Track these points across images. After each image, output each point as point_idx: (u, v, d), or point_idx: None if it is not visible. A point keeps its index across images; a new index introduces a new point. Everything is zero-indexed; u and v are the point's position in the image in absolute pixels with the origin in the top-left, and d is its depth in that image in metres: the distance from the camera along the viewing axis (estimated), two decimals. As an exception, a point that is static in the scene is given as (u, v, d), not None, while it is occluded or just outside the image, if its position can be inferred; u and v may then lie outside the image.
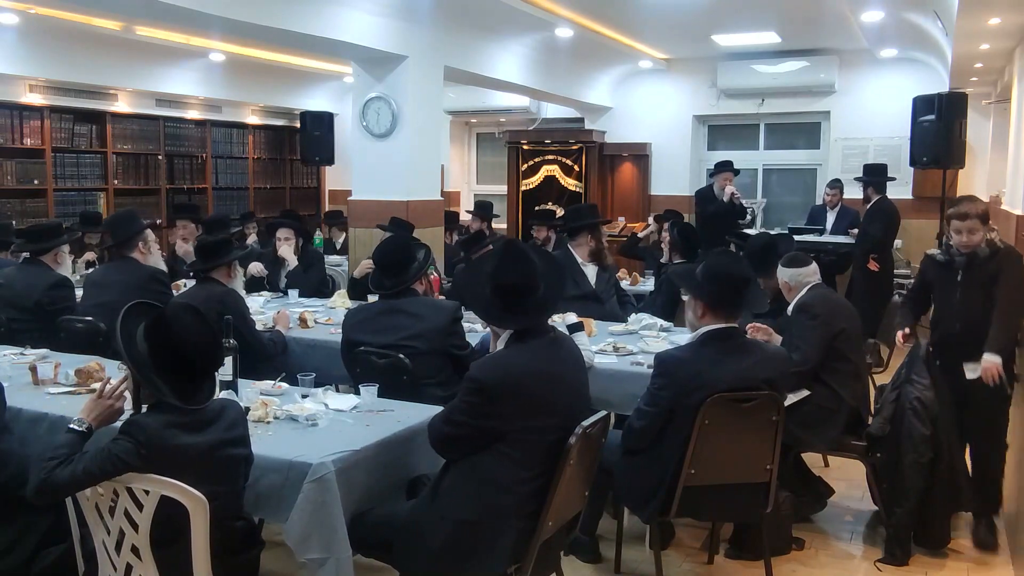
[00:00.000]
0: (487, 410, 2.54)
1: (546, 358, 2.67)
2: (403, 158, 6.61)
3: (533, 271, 2.71)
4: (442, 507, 2.60)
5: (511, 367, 2.60)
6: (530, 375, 2.59)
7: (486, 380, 2.55)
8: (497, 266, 2.74)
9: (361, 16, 6.05)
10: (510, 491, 2.56)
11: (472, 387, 2.55)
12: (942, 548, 3.79)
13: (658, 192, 10.14)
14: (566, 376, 2.71)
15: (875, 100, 8.98)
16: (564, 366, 2.72)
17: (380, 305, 3.88)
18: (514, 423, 2.54)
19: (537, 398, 2.57)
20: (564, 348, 2.79)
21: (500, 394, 2.53)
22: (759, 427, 3.13)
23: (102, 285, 4.61)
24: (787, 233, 7.58)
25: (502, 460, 2.55)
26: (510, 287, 2.69)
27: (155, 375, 2.35)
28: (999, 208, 6.21)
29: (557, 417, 2.60)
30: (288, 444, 2.72)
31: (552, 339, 2.76)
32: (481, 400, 2.54)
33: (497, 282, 2.70)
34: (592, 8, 7.24)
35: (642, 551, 3.71)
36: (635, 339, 4.36)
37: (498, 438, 2.55)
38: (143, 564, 2.32)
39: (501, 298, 2.70)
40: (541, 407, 2.57)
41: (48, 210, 8.10)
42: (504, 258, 2.77)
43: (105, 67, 8.04)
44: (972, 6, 4.64)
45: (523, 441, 2.56)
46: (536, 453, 2.58)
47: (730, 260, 3.40)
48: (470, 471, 2.59)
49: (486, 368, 2.61)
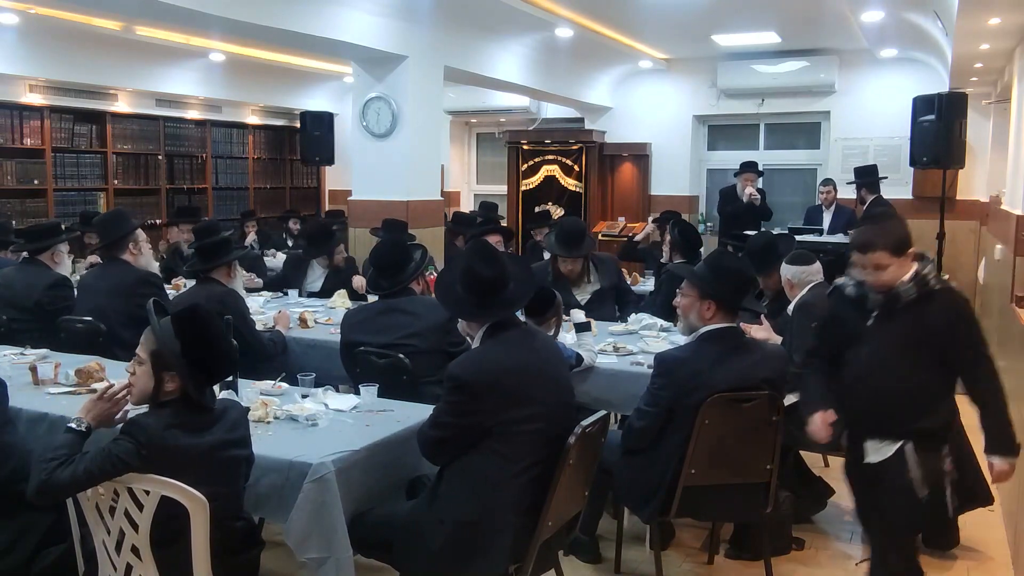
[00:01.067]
0: (470, 407, 2.58)
1: (521, 350, 2.73)
2: (403, 158, 6.61)
3: (502, 268, 2.79)
4: (440, 510, 2.61)
5: (487, 361, 2.66)
6: (507, 367, 2.64)
7: (465, 376, 2.59)
8: (469, 264, 2.80)
9: (361, 16, 6.05)
10: (503, 487, 2.58)
11: (453, 385, 2.60)
12: (950, 549, 3.79)
13: (658, 192, 10.14)
14: (542, 366, 2.76)
15: (875, 100, 8.98)
16: (539, 356, 2.78)
17: (379, 305, 3.89)
18: (496, 416, 2.58)
19: (516, 389, 2.62)
20: (538, 339, 2.88)
21: (480, 389, 2.58)
22: (759, 427, 3.13)
23: (92, 290, 4.53)
24: (787, 233, 7.58)
25: (491, 457, 2.58)
26: (483, 282, 2.75)
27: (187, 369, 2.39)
28: (999, 208, 6.20)
29: (538, 406, 2.64)
30: (288, 444, 2.73)
31: (525, 331, 2.85)
32: (463, 397, 2.58)
33: (470, 279, 2.77)
34: (592, 8, 7.24)
35: (642, 551, 3.71)
36: (635, 339, 4.36)
37: (483, 434, 2.58)
38: (143, 564, 2.32)
39: (474, 294, 2.76)
40: (521, 398, 2.61)
41: (48, 210, 8.10)
42: (474, 257, 2.83)
43: (105, 67, 8.04)
44: (972, 6, 4.64)
45: (507, 434, 2.59)
46: (523, 445, 2.61)
47: (736, 260, 3.40)
48: (463, 472, 2.61)
49: (464, 365, 2.66)
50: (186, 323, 2.44)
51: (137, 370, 2.43)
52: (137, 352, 2.44)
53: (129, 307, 4.28)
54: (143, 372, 2.41)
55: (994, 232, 6.35)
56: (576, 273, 5.10)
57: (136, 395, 2.45)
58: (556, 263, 5.09)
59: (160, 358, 2.39)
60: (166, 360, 2.39)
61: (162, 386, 2.40)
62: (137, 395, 2.45)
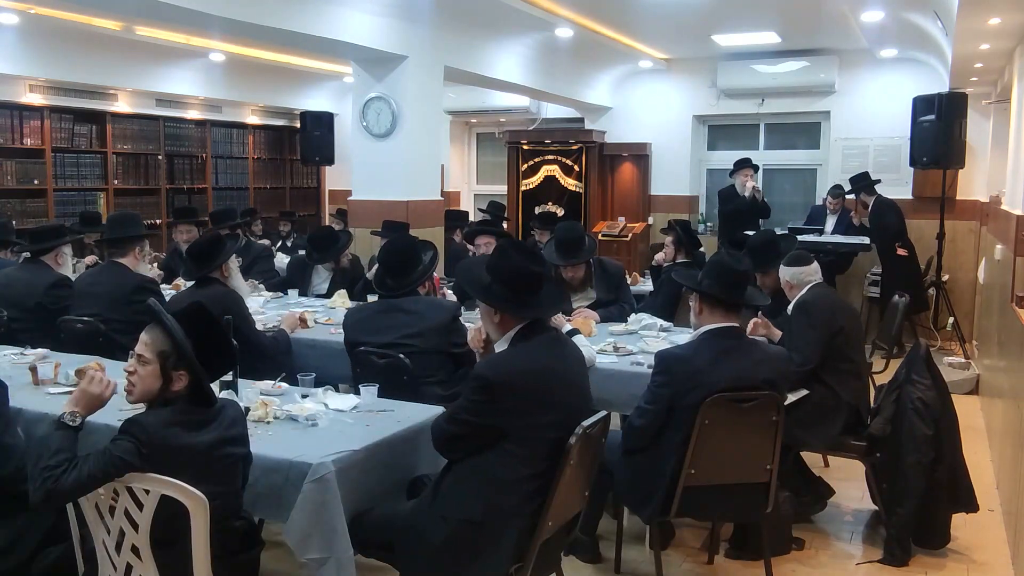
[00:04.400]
0: (493, 408, 2.56)
1: (550, 355, 2.71)
2: (403, 158, 6.61)
3: (544, 267, 2.79)
4: (444, 507, 2.60)
5: (517, 364, 2.64)
6: (535, 372, 2.62)
7: (493, 378, 2.57)
8: (513, 258, 2.77)
9: (361, 16, 6.05)
10: (513, 490, 2.57)
11: (479, 385, 2.57)
12: (942, 548, 3.79)
13: (658, 192, 10.13)
14: (569, 373, 2.74)
15: (875, 100, 8.97)
16: (567, 363, 2.76)
17: (379, 305, 3.89)
18: (518, 420, 2.56)
19: (541, 395, 2.60)
20: (567, 346, 2.86)
21: (506, 391, 2.55)
22: (759, 427, 3.13)
23: (90, 294, 4.47)
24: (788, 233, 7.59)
25: (506, 458, 2.56)
26: (526, 276, 2.73)
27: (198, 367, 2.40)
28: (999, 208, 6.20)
29: (559, 413, 2.62)
30: (288, 444, 2.73)
31: (555, 337, 2.81)
32: (487, 398, 2.55)
33: (513, 272, 2.73)
34: (592, 8, 7.24)
35: (642, 551, 3.71)
36: (635, 339, 4.36)
37: (502, 436, 2.56)
38: (143, 564, 2.32)
39: (513, 290, 2.73)
40: (544, 404, 2.59)
41: (48, 210, 8.10)
42: (518, 251, 2.82)
43: (105, 67, 8.03)
44: (972, 6, 4.63)
45: (527, 439, 2.57)
46: (539, 450, 2.59)
47: (729, 257, 3.42)
48: (472, 471, 2.60)
49: (493, 366, 2.63)
50: (194, 321, 2.45)
51: (140, 370, 2.41)
52: (138, 352, 2.43)
53: (127, 312, 4.27)
54: (149, 372, 2.40)
55: (994, 232, 6.35)
56: (579, 279, 5.01)
57: (138, 395, 2.44)
58: (559, 269, 5.01)
59: (170, 357, 2.39)
60: (178, 359, 2.39)
61: (170, 385, 2.40)
62: (139, 395, 2.44)
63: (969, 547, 3.86)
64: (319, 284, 5.97)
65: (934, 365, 3.81)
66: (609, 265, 5.24)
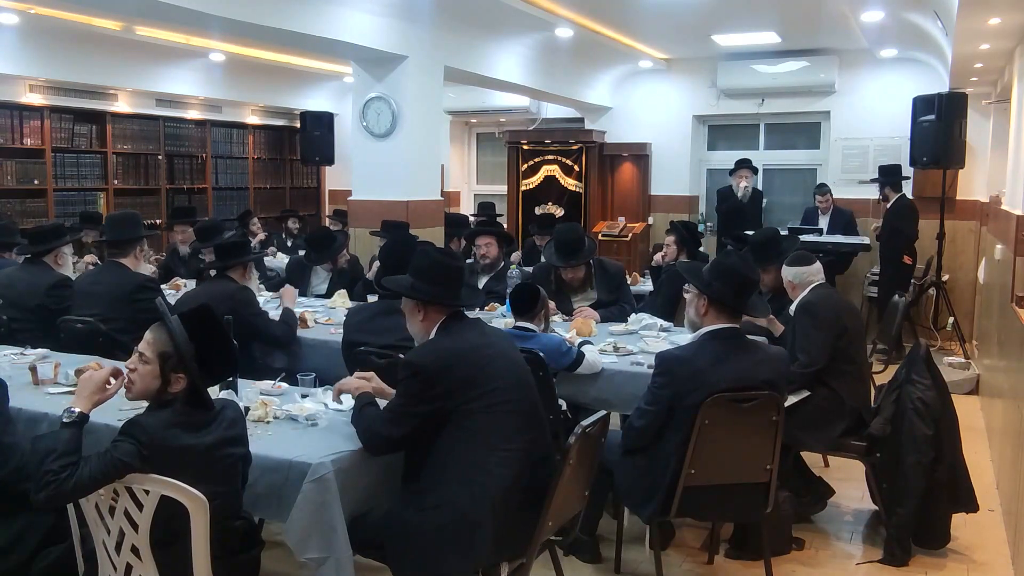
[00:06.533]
0: (430, 392, 2.62)
1: (475, 335, 2.82)
2: (403, 158, 6.61)
3: (463, 262, 3.02)
4: (425, 500, 2.63)
5: (444, 345, 2.76)
6: (463, 351, 2.73)
7: (424, 362, 2.66)
8: (438, 255, 2.96)
9: (361, 16, 6.05)
10: (488, 470, 2.62)
11: (410, 373, 2.65)
12: (942, 548, 3.79)
13: (658, 192, 10.13)
14: (498, 347, 2.83)
15: (875, 100, 8.97)
16: (493, 339, 2.88)
17: (379, 305, 3.89)
18: (456, 399, 2.62)
19: (475, 370, 2.68)
20: (488, 327, 2.99)
21: (440, 373, 2.64)
22: (759, 427, 3.13)
23: (90, 295, 4.46)
24: (790, 233, 7.59)
25: (474, 441, 2.62)
26: (451, 271, 2.89)
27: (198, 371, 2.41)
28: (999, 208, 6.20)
29: (498, 382, 2.69)
30: (288, 444, 2.73)
31: (475, 321, 2.94)
32: (420, 383, 2.63)
33: (439, 268, 2.87)
34: (592, 8, 7.24)
35: (642, 551, 3.71)
36: (635, 339, 4.36)
37: (443, 420, 2.62)
38: (143, 564, 2.32)
39: (440, 286, 2.85)
40: (478, 378, 2.67)
41: (48, 210, 8.10)
42: (438, 251, 3.06)
43: (105, 67, 8.03)
44: (972, 6, 4.63)
45: (472, 416, 2.63)
46: (500, 424, 2.65)
47: (739, 260, 3.41)
48: (445, 462, 2.63)
49: (421, 354, 2.74)
50: (199, 324, 2.45)
51: (140, 368, 2.42)
52: (140, 351, 2.43)
53: (129, 312, 4.28)
54: (148, 372, 2.40)
55: (994, 232, 6.35)
56: (579, 280, 5.02)
57: (137, 392, 2.44)
58: (559, 270, 5.02)
59: (171, 360, 2.39)
60: (177, 362, 2.39)
61: (168, 386, 2.40)
62: (138, 392, 2.44)
63: (969, 547, 3.86)
64: (318, 285, 5.97)
65: (934, 365, 3.81)
66: (609, 265, 5.23)
